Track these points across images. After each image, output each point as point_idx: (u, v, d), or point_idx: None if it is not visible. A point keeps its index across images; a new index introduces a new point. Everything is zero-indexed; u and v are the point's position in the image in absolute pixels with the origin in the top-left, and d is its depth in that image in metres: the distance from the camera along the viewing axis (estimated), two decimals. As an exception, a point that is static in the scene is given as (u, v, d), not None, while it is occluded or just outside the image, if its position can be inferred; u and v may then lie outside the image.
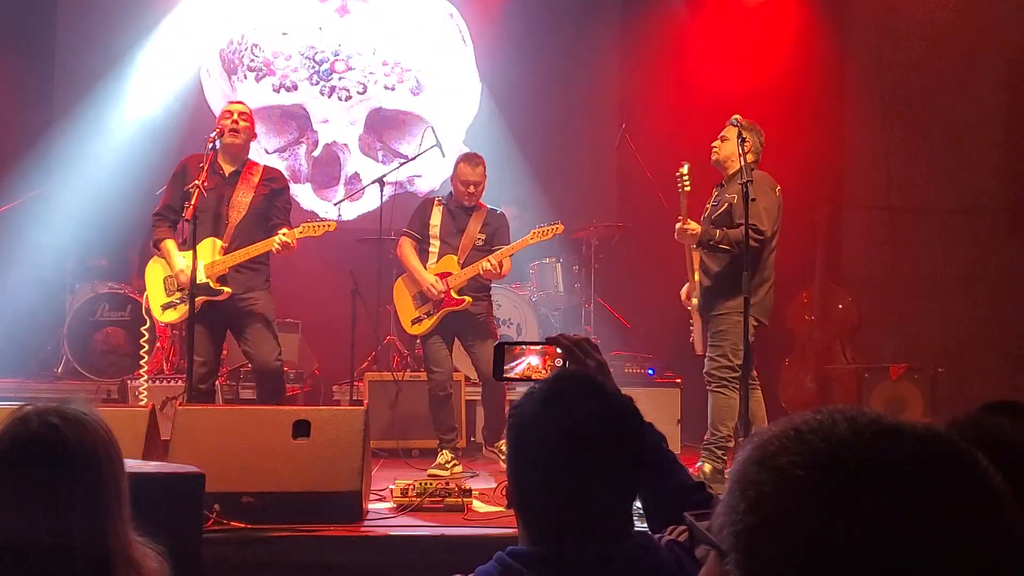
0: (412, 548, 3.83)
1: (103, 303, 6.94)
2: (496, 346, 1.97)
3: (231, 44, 8.15)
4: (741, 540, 0.77)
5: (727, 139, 5.08)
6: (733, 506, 0.79)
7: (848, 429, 0.76)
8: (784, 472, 0.76)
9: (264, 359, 5.08)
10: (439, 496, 4.29)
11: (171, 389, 6.21)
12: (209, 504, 3.59)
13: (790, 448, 0.77)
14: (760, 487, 0.77)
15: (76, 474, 1.58)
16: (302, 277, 7.19)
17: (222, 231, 5.08)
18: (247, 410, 4.76)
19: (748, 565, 0.76)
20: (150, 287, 5.30)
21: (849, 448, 0.75)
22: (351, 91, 8.12)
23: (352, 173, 8.18)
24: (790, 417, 0.80)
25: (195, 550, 2.91)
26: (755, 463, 0.79)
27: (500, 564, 1.54)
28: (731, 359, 4.91)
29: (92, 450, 1.61)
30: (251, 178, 5.18)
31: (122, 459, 1.67)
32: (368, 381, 6.40)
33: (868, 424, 0.77)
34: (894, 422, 0.77)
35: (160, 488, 2.87)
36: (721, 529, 0.80)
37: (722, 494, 0.83)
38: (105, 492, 1.60)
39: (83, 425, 1.62)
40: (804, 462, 0.75)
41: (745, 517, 0.77)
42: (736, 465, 0.81)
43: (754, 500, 0.77)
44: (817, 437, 0.77)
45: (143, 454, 4.02)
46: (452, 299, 5.52)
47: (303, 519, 3.84)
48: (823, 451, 0.75)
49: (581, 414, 1.54)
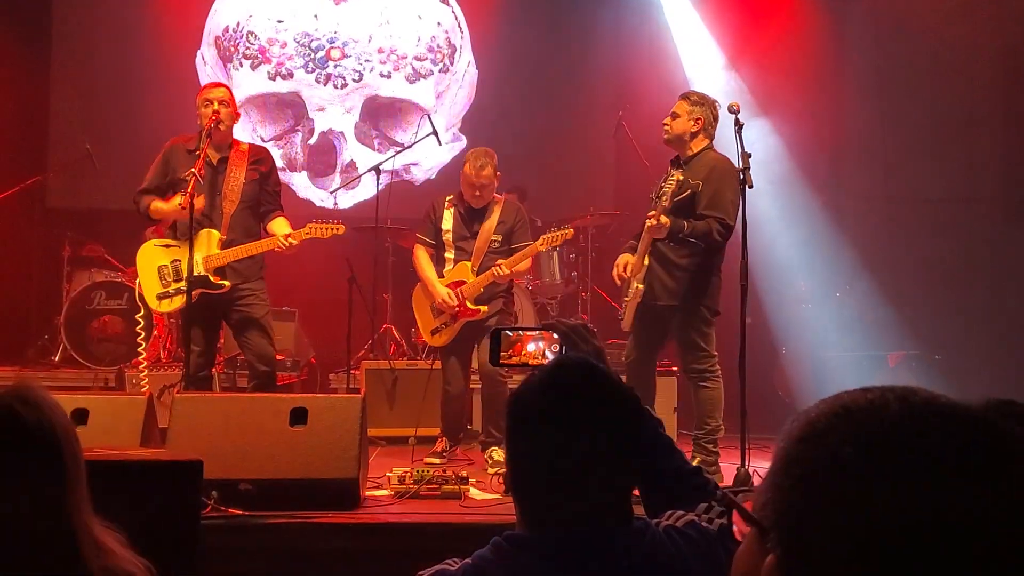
0: (409, 535, 3.83)
1: (100, 291, 6.94)
2: (493, 332, 1.96)
3: (226, 32, 8.13)
4: (786, 518, 0.76)
5: (678, 115, 4.91)
6: (777, 484, 0.78)
7: (901, 408, 0.75)
8: (833, 450, 0.75)
9: (259, 354, 5.08)
10: (436, 483, 4.30)
11: (169, 377, 6.21)
12: (207, 491, 3.59)
13: (839, 426, 0.76)
14: (807, 465, 0.76)
15: (36, 457, 1.56)
16: (298, 265, 7.16)
17: (218, 222, 5.06)
18: (245, 398, 4.76)
19: (792, 543, 0.75)
20: (143, 275, 5.15)
21: (901, 428, 0.74)
22: (347, 79, 8.10)
23: (348, 161, 8.16)
24: (837, 396, 0.79)
25: (193, 536, 2.91)
26: (801, 441, 0.78)
27: (497, 549, 1.54)
28: (709, 349, 4.90)
29: (51, 431, 1.58)
30: (239, 160, 5.13)
31: (79, 443, 1.65)
32: (365, 369, 6.40)
33: (921, 404, 0.76)
34: (947, 402, 0.76)
35: (159, 475, 2.87)
36: (764, 507, 0.79)
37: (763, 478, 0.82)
38: (66, 474, 1.58)
39: (40, 407, 1.60)
40: (854, 440, 0.74)
41: (790, 495, 0.76)
42: (780, 443, 0.80)
43: (800, 478, 0.76)
44: (868, 416, 0.76)
45: (141, 441, 4.03)
46: (468, 310, 5.35)
47: (301, 506, 3.85)
48: (874, 430, 0.74)
49: (579, 399, 1.54)
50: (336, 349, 6.67)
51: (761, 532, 0.79)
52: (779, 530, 0.76)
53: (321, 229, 5.14)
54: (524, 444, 1.57)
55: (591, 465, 1.52)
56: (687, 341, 4.93)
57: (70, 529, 1.56)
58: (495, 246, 5.41)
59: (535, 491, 1.56)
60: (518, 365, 1.95)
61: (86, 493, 1.62)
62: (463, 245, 5.42)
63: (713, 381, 4.91)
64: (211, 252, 5.01)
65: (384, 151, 7.96)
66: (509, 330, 1.97)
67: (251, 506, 3.80)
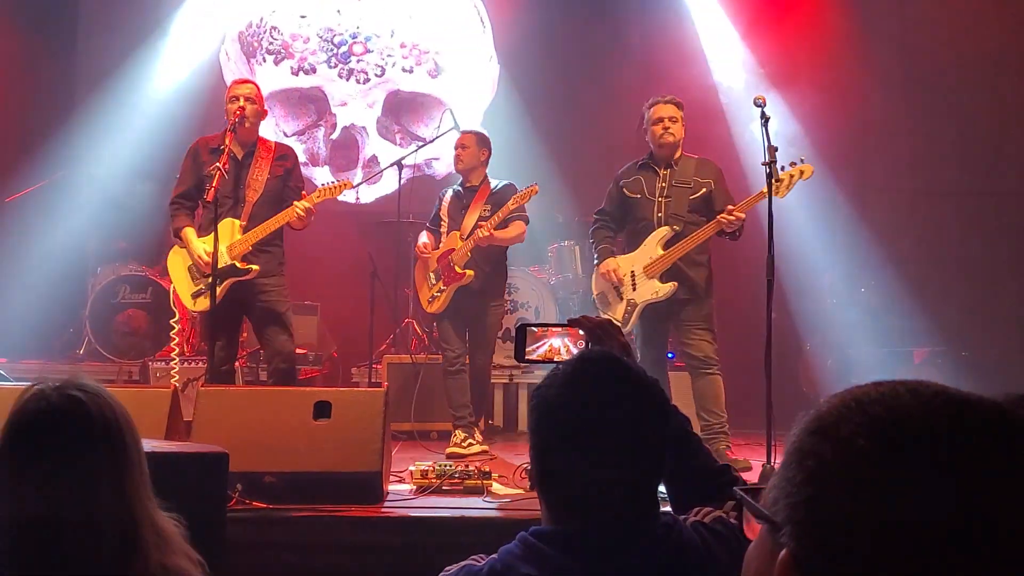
0: (432, 529, 3.84)
1: (124, 285, 6.98)
2: (518, 328, 1.95)
3: (250, 27, 8.15)
4: (799, 511, 0.76)
5: (677, 121, 5.16)
6: (789, 478, 0.77)
7: (912, 400, 0.75)
8: (845, 442, 0.74)
9: (278, 349, 5.10)
10: (459, 478, 4.30)
11: (193, 371, 6.25)
12: (232, 484, 3.61)
13: (851, 418, 0.75)
14: (819, 457, 0.75)
15: (101, 445, 1.58)
16: (321, 260, 7.21)
17: (240, 211, 5.09)
18: (269, 391, 4.78)
19: (806, 537, 0.75)
20: (176, 278, 5.25)
21: (913, 419, 0.74)
22: (369, 74, 8.11)
23: (370, 156, 8.17)
24: (848, 390, 0.79)
25: (220, 529, 2.93)
26: (813, 433, 0.77)
27: (523, 544, 1.53)
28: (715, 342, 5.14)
29: (114, 421, 1.61)
30: (264, 156, 5.17)
31: (137, 431, 1.67)
32: (387, 363, 6.42)
33: (933, 395, 0.76)
34: (959, 393, 0.76)
35: (185, 467, 2.89)
36: (775, 502, 0.78)
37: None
38: (129, 462, 1.61)
39: (102, 397, 1.62)
40: (866, 432, 0.74)
41: (803, 488, 0.75)
42: (792, 437, 0.79)
43: (812, 471, 0.75)
44: (880, 407, 0.75)
45: (166, 434, 4.05)
46: (456, 273, 5.54)
47: (324, 499, 3.87)
48: (886, 421, 0.74)
49: (607, 394, 1.53)
50: (358, 343, 6.69)
51: (773, 528, 0.79)
52: (793, 524, 0.76)
53: (330, 190, 5.16)
54: (550, 438, 1.56)
55: (618, 460, 1.51)
56: (706, 328, 5.10)
57: (132, 516, 1.57)
58: (485, 214, 5.61)
59: (561, 486, 1.55)
60: (543, 361, 1.94)
61: (148, 482, 1.64)
62: (455, 217, 5.71)
63: (719, 370, 5.08)
64: (234, 239, 5.03)
65: (406, 146, 7.96)
66: (535, 326, 1.96)
67: (275, 499, 3.82)
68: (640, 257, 5.13)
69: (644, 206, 5.16)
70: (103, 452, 1.58)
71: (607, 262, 5.21)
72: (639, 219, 5.19)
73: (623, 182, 5.29)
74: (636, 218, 5.21)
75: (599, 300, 5.30)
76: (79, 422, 1.58)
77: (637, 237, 5.19)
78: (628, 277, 5.15)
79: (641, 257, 5.12)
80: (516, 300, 6.94)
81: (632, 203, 5.22)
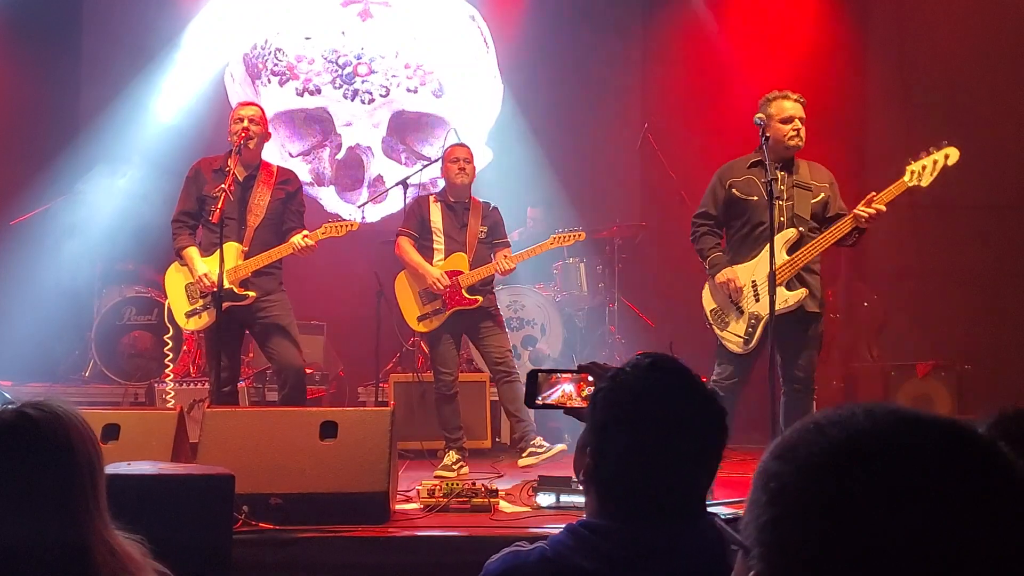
0: (440, 549, 3.83)
1: (130, 307, 7.00)
2: (529, 374, 2.00)
3: (255, 49, 8.21)
4: (764, 532, 0.78)
5: (804, 122, 4.64)
6: (755, 501, 0.80)
7: (867, 419, 0.78)
8: (803, 464, 0.77)
9: (288, 361, 5.10)
10: (466, 497, 4.29)
11: (197, 392, 6.26)
12: (238, 505, 3.61)
13: (809, 440, 0.78)
14: (781, 479, 0.78)
15: (46, 464, 1.56)
16: (327, 279, 7.23)
17: (242, 236, 5.11)
18: (275, 412, 4.79)
19: (772, 557, 0.77)
20: (172, 295, 5.27)
21: (868, 436, 0.76)
22: (374, 94, 8.16)
23: (375, 175, 8.22)
24: (811, 415, 0.82)
25: (226, 551, 2.93)
26: (776, 458, 0.80)
27: (575, 535, 1.58)
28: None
29: (65, 439, 1.58)
30: (266, 180, 5.20)
31: (100, 453, 1.64)
32: (393, 382, 6.42)
33: (887, 414, 0.78)
34: (913, 411, 0.78)
35: (192, 489, 2.90)
36: (746, 526, 0.81)
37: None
38: (77, 482, 1.57)
39: (58, 416, 1.59)
40: (823, 451, 0.76)
41: (767, 509, 0.78)
42: (759, 464, 0.82)
43: (775, 492, 0.78)
44: (836, 428, 0.78)
45: (172, 456, 4.06)
46: (464, 299, 5.47)
47: (331, 520, 3.86)
48: (842, 441, 0.76)
49: (679, 402, 1.60)
50: (364, 362, 6.70)
51: (744, 551, 0.81)
52: (760, 547, 0.78)
53: (336, 228, 5.18)
54: (616, 438, 1.61)
55: (680, 462, 1.58)
56: (817, 348, 4.68)
57: (81, 538, 1.55)
58: (483, 237, 5.58)
59: (622, 484, 1.60)
60: (555, 407, 1.97)
61: (103, 503, 1.61)
62: (454, 236, 5.58)
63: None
64: (235, 264, 5.06)
65: (411, 165, 8.00)
66: (546, 371, 2.00)
67: (282, 520, 3.81)
68: (761, 265, 4.50)
69: (760, 209, 4.53)
70: (48, 470, 1.56)
71: (725, 271, 4.61)
72: (754, 223, 4.60)
73: (731, 181, 4.67)
74: (749, 222, 4.63)
75: (713, 316, 4.70)
76: (24, 440, 1.56)
77: (750, 243, 4.62)
78: (749, 287, 4.57)
79: (762, 265, 4.47)
80: (522, 317, 6.94)
81: (744, 205, 4.64)
